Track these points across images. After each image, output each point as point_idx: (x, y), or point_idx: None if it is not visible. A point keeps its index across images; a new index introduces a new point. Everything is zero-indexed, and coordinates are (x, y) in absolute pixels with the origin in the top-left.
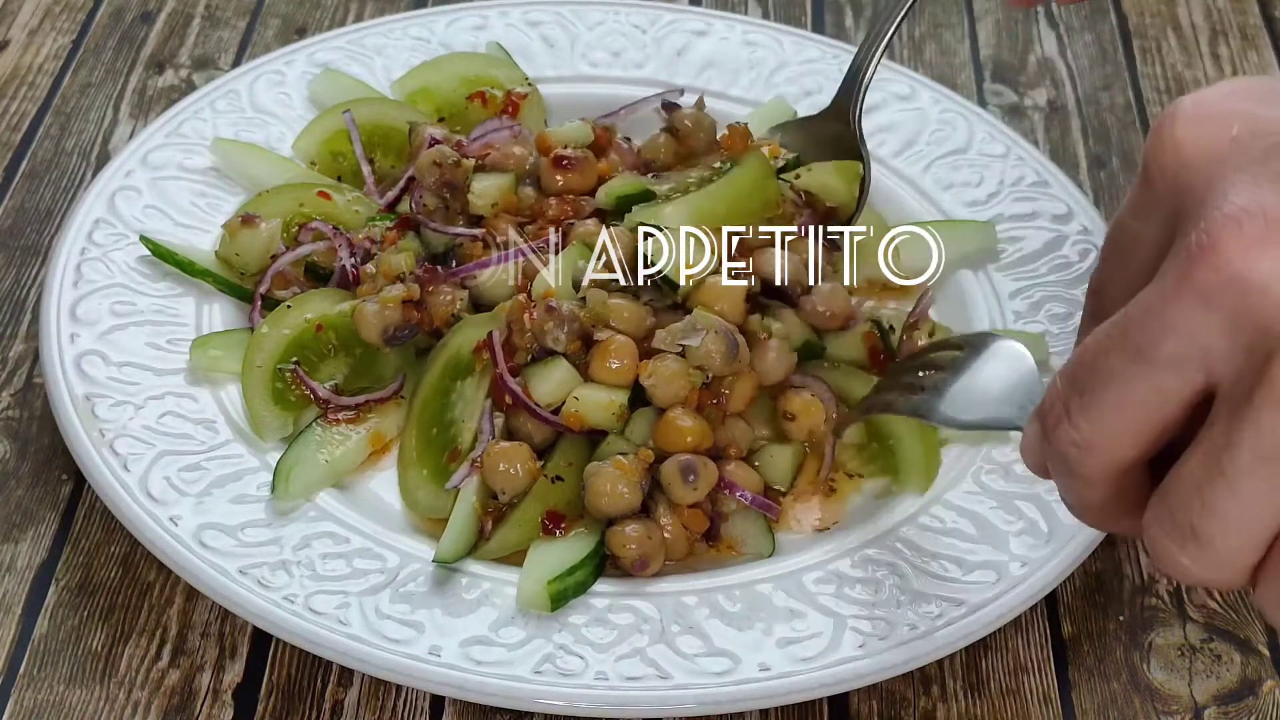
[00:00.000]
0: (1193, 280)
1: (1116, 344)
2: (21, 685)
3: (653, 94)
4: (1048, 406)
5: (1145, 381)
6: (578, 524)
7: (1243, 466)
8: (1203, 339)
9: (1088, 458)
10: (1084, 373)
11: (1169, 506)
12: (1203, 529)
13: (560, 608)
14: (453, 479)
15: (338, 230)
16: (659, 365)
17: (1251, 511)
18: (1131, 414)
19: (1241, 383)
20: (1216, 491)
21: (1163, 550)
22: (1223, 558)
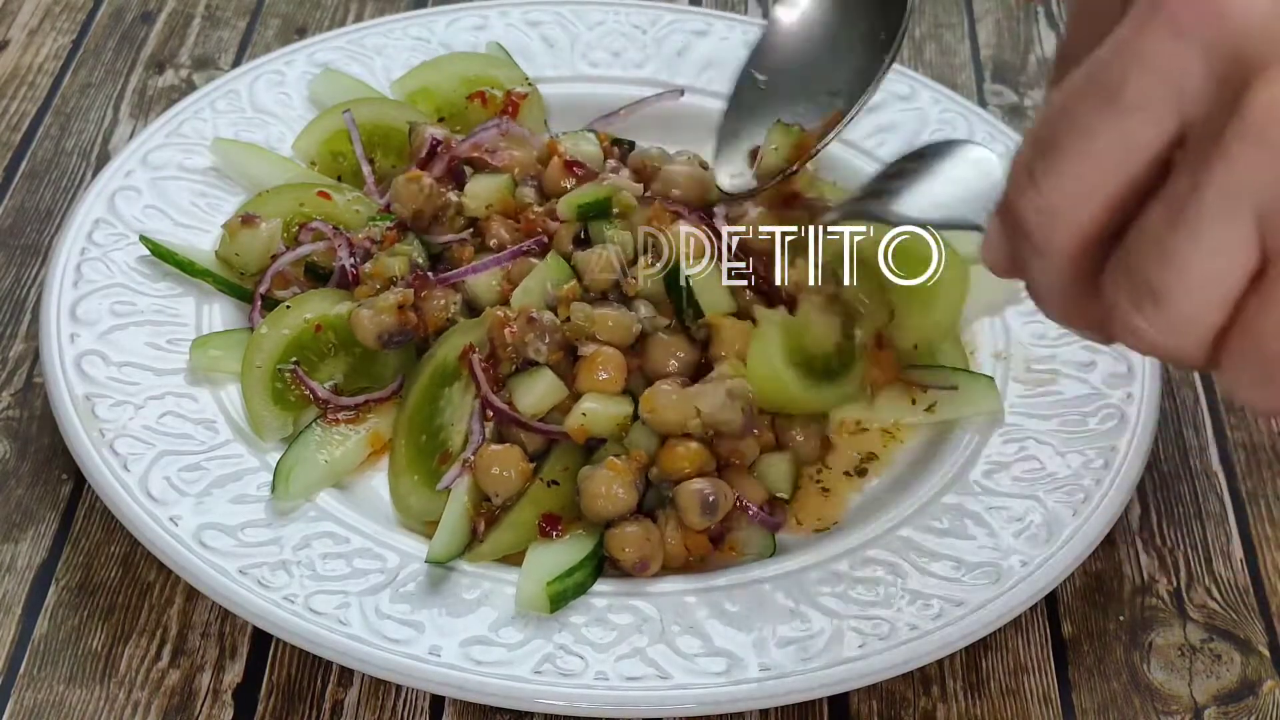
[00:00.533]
0: (1162, 9)
1: (1082, 92)
2: (21, 685)
3: (652, 94)
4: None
5: (1112, 129)
6: (575, 525)
7: (1207, 210)
8: (1174, 73)
9: (1053, 224)
10: (1048, 129)
11: (1127, 263)
12: (1161, 283)
13: (560, 609)
14: (444, 480)
15: (337, 230)
16: (659, 401)
17: (1215, 262)
18: (1097, 167)
19: (1212, 120)
20: (1178, 240)
21: (1120, 314)
22: (1182, 317)
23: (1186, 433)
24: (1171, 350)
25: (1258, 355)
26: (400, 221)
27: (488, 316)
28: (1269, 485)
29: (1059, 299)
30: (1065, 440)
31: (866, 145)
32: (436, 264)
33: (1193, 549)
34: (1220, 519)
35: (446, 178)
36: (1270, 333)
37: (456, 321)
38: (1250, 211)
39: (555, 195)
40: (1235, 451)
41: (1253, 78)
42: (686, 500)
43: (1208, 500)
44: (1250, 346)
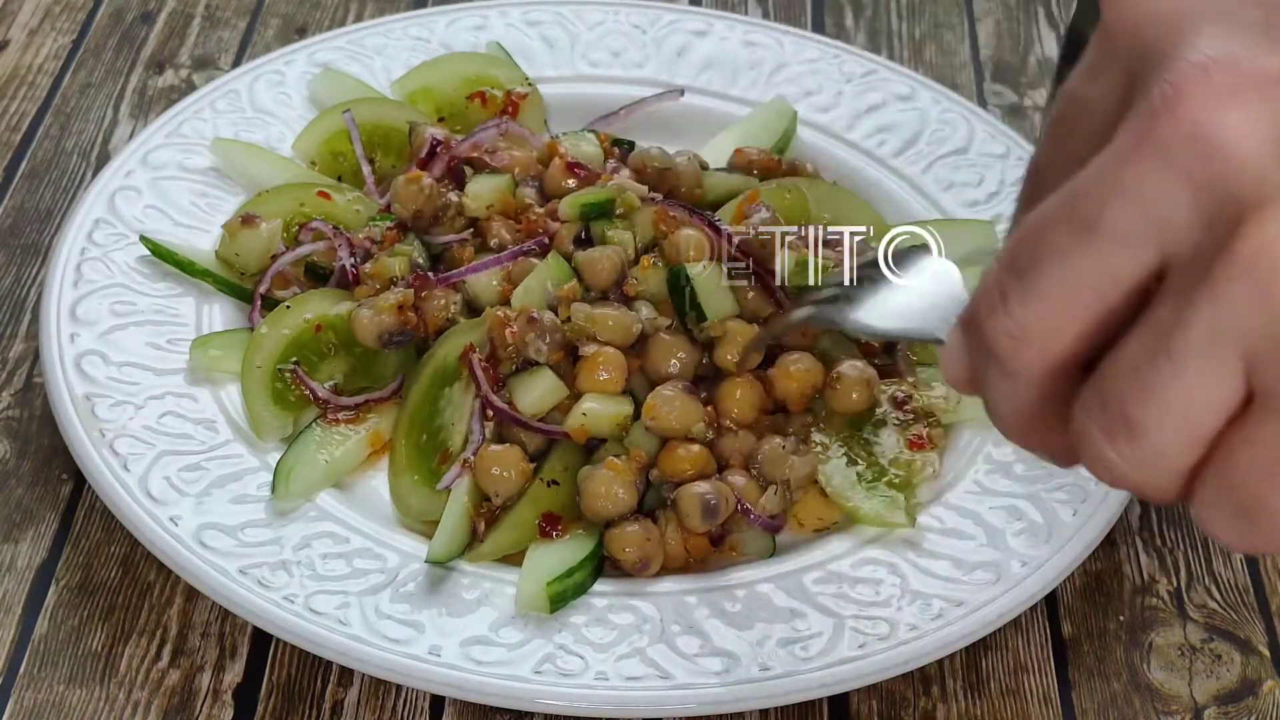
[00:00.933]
0: (1152, 137)
1: (1062, 218)
2: (21, 685)
3: (652, 94)
4: (981, 296)
5: (1092, 258)
6: (575, 525)
7: (1193, 346)
8: (1160, 206)
9: (1023, 349)
10: (1024, 253)
11: (1102, 392)
12: (1138, 417)
13: (560, 609)
14: (444, 480)
15: (338, 230)
16: (661, 405)
17: (1196, 399)
18: (1074, 297)
19: (1199, 258)
20: (1159, 374)
21: (1091, 444)
22: (1158, 453)
23: None
24: (1143, 484)
25: (1235, 493)
26: (400, 221)
27: (488, 316)
28: None
29: (1021, 421)
30: None
31: (867, 145)
32: (436, 264)
33: (1193, 549)
34: None
35: (446, 178)
36: (1249, 471)
37: (456, 321)
38: (1236, 350)
39: (557, 196)
40: None
41: (1245, 216)
42: (687, 503)
43: None
44: (1228, 484)
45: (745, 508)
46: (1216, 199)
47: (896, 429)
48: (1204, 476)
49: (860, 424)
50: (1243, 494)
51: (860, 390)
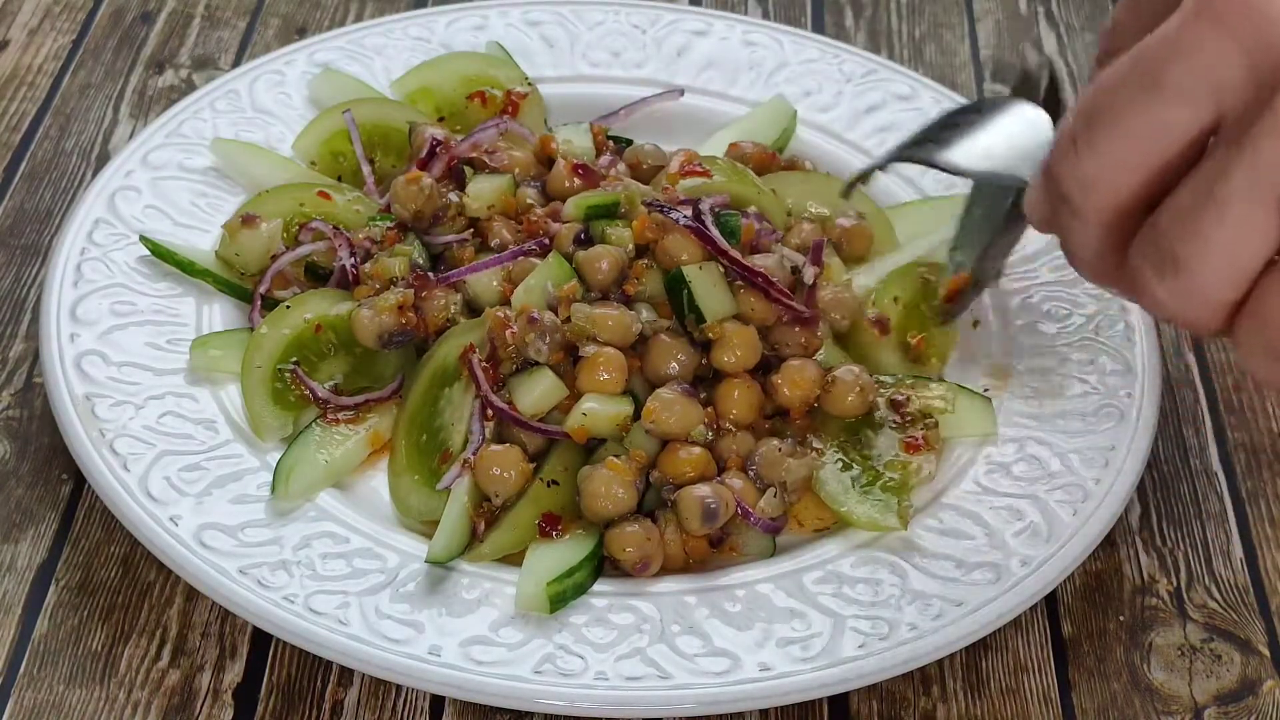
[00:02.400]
0: (1212, 5)
1: (1129, 75)
2: (21, 685)
3: (653, 94)
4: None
5: (1153, 111)
6: (575, 525)
7: (1234, 193)
8: (1214, 66)
9: (1090, 192)
10: (1094, 106)
11: (1154, 233)
12: (1185, 255)
13: (559, 609)
14: (444, 480)
15: (338, 230)
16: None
17: (1236, 241)
18: (1136, 145)
19: (1247, 114)
20: (1204, 217)
21: (1142, 279)
22: (1201, 289)
23: (1186, 433)
24: (1188, 317)
25: (1266, 333)
26: (400, 221)
27: (488, 316)
28: (1269, 485)
29: (1091, 259)
30: (1065, 440)
31: (867, 145)
32: (437, 264)
33: (1193, 549)
34: (1220, 519)
35: (446, 178)
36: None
37: (456, 321)
38: (1274, 199)
39: (560, 197)
40: (1235, 451)
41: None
42: (688, 506)
43: (1208, 500)
44: (1260, 324)
45: (745, 510)
46: (1265, 62)
47: (893, 431)
48: (1242, 314)
49: (857, 427)
50: (1274, 333)
51: (856, 394)
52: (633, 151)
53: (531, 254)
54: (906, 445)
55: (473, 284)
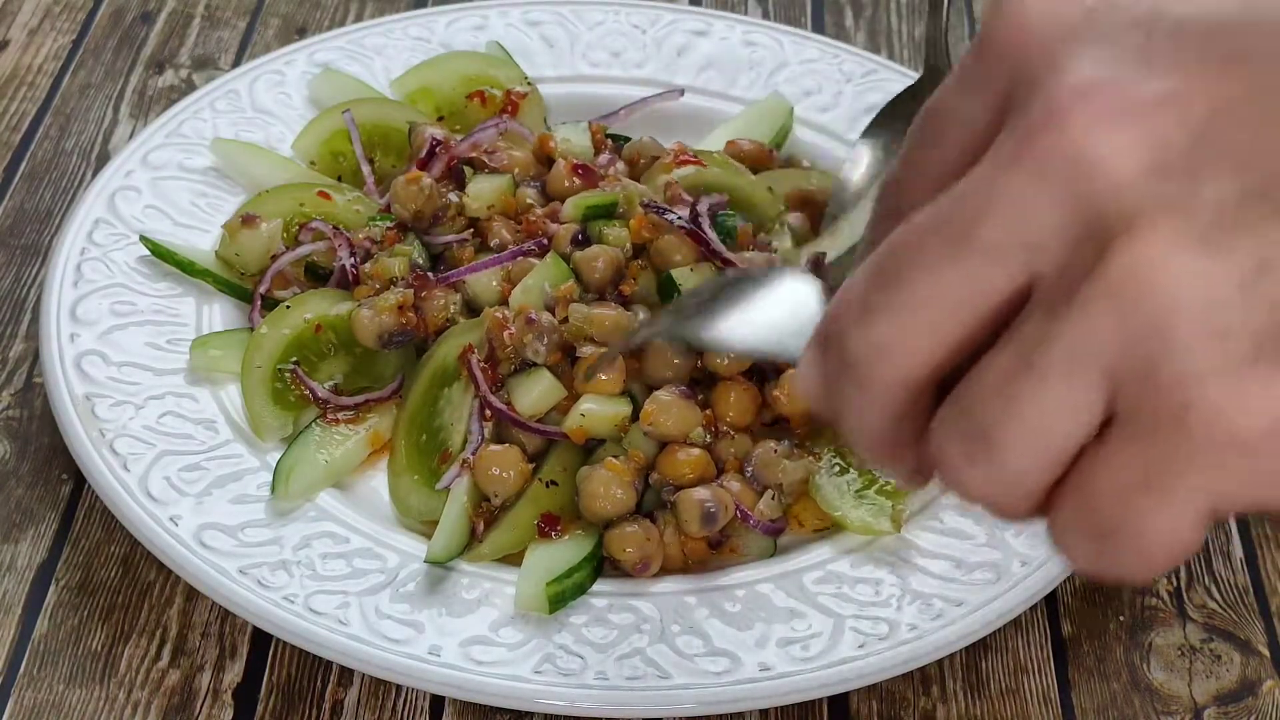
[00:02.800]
0: (1031, 154)
1: (933, 231)
2: (21, 685)
3: (653, 94)
4: (842, 307)
5: (962, 272)
6: (575, 526)
7: (1055, 363)
8: (1034, 223)
9: (884, 363)
10: (891, 263)
11: (962, 408)
12: (999, 436)
13: (559, 609)
14: (443, 479)
15: (338, 230)
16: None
17: (1058, 417)
18: (940, 310)
19: (1067, 276)
20: (1021, 391)
21: (949, 460)
22: (1017, 471)
23: None
24: (1000, 503)
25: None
26: (400, 221)
27: (486, 317)
28: None
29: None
30: None
31: None
32: (437, 264)
33: None
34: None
35: (446, 178)
36: (1107, 493)
37: (456, 321)
38: (1099, 371)
39: (560, 197)
40: None
41: (1115, 238)
42: (687, 510)
43: None
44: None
45: (744, 513)
46: (1089, 219)
47: None
48: (1061, 497)
49: None
50: (1100, 516)
51: None
52: (631, 147)
53: (531, 254)
54: None
55: (472, 284)
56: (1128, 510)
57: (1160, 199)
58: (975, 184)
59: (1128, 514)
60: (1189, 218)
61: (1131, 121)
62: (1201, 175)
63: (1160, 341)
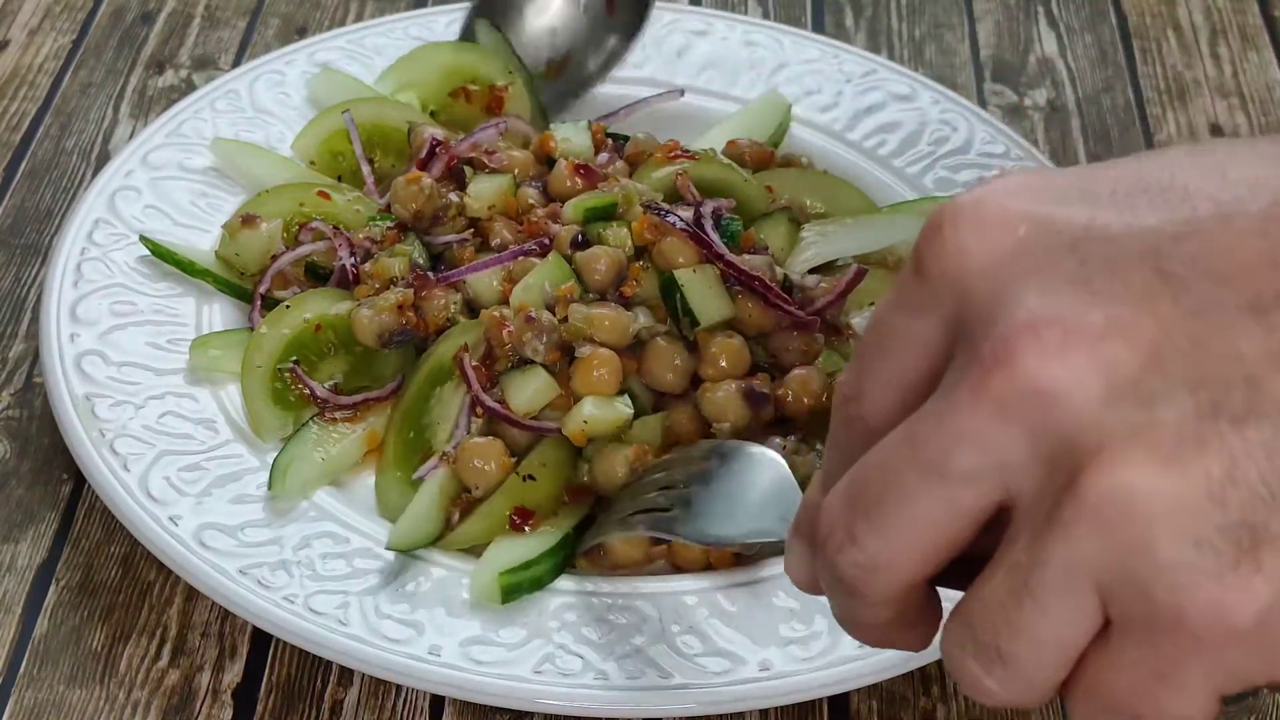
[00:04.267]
0: (988, 392)
1: (905, 460)
2: (21, 685)
3: (653, 94)
4: (826, 531)
5: (938, 496)
6: (547, 521)
7: (1051, 584)
8: (1000, 452)
9: (875, 579)
10: (868, 492)
11: (971, 629)
12: (1010, 652)
13: (513, 601)
14: (420, 470)
15: (338, 230)
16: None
17: (1062, 629)
18: (924, 530)
19: (1044, 498)
20: (1024, 613)
21: (968, 674)
22: (1032, 678)
23: None
24: (1020, 703)
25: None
26: (400, 222)
27: (484, 317)
28: None
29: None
30: None
31: (866, 145)
32: (437, 264)
33: None
34: None
35: (446, 178)
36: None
37: (456, 321)
38: (1090, 584)
39: (561, 198)
40: None
41: (1083, 463)
42: None
43: None
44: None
45: None
46: (1055, 446)
47: None
48: (1076, 690)
49: None
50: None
51: None
52: (632, 144)
53: (532, 254)
54: None
55: (473, 284)
56: (1142, 703)
57: (1121, 424)
58: (939, 417)
59: (1143, 706)
60: (1152, 439)
61: (1080, 353)
62: (1155, 396)
63: (1144, 557)
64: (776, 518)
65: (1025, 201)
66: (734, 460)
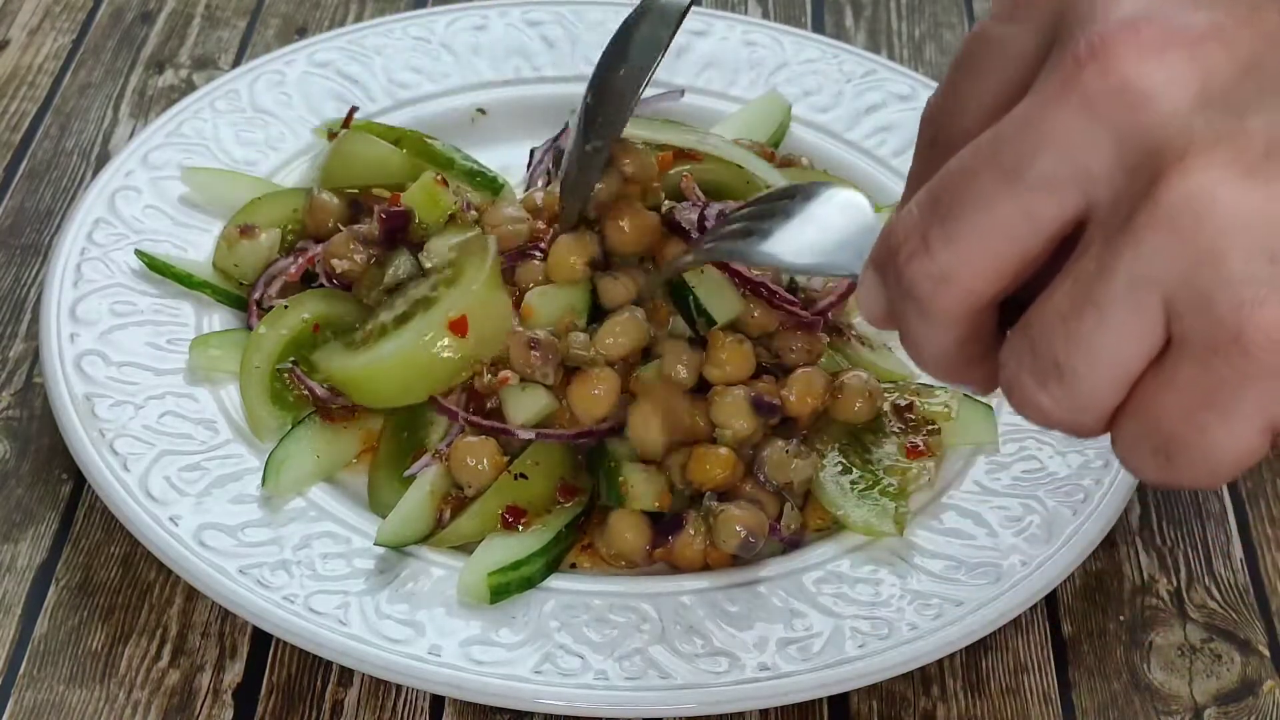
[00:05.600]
0: (1078, 87)
1: (985, 163)
2: (21, 685)
3: (653, 94)
4: (901, 238)
5: (1016, 203)
6: (539, 520)
7: (1117, 294)
8: (1084, 154)
9: (946, 292)
10: (947, 197)
11: (1031, 340)
12: (1068, 363)
13: (501, 600)
14: (412, 468)
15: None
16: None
17: (1122, 344)
18: (999, 240)
19: (1120, 206)
20: (1086, 322)
21: (1022, 388)
22: (1087, 396)
23: None
24: (1072, 423)
25: (1156, 433)
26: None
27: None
28: (1269, 485)
29: (941, 358)
30: (1065, 440)
31: (867, 145)
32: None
33: (1193, 549)
34: (1220, 519)
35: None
36: (1170, 413)
37: None
38: (1158, 300)
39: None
40: None
41: (1167, 167)
42: (726, 531)
43: (1208, 500)
44: (1148, 423)
45: (774, 527)
46: (1140, 149)
47: (895, 436)
48: (1126, 415)
49: (859, 431)
50: (1163, 433)
51: (864, 400)
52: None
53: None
54: (908, 451)
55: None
56: (1192, 427)
57: (1209, 129)
58: (1025, 118)
59: (1192, 431)
60: (1238, 148)
61: (1178, 54)
62: (1248, 106)
63: (1214, 269)
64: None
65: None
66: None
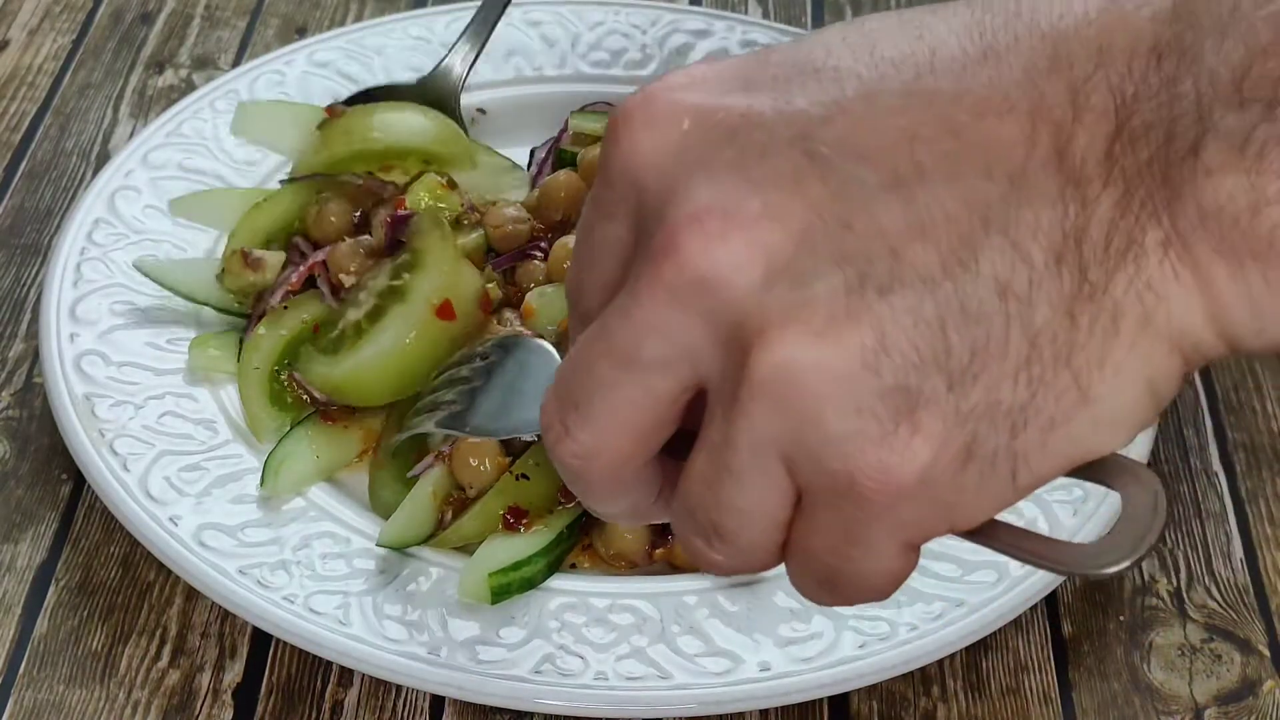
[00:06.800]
0: (660, 283)
1: (600, 352)
2: (21, 685)
3: None
4: (545, 426)
5: (635, 385)
6: (540, 521)
7: (744, 461)
8: (682, 339)
9: (595, 465)
10: (574, 386)
11: (689, 509)
12: (724, 525)
13: (503, 601)
14: (415, 469)
15: (323, 263)
16: None
17: (762, 502)
18: (627, 417)
19: (727, 379)
20: (726, 488)
21: (694, 549)
22: (749, 548)
23: (1186, 433)
24: (747, 569)
25: (813, 567)
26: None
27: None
28: (1269, 485)
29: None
30: None
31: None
32: None
33: (1193, 549)
34: (1220, 519)
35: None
36: (818, 550)
37: None
38: (776, 458)
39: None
40: (1235, 451)
41: (751, 343)
42: None
43: (1208, 500)
44: (806, 560)
45: None
46: (727, 329)
47: None
48: (789, 554)
49: None
50: (821, 567)
51: None
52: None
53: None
54: None
55: None
56: (842, 560)
57: (778, 303)
58: (625, 310)
59: (843, 563)
60: (807, 315)
61: (739, 238)
62: (808, 274)
63: (815, 430)
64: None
65: (691, 94)
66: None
